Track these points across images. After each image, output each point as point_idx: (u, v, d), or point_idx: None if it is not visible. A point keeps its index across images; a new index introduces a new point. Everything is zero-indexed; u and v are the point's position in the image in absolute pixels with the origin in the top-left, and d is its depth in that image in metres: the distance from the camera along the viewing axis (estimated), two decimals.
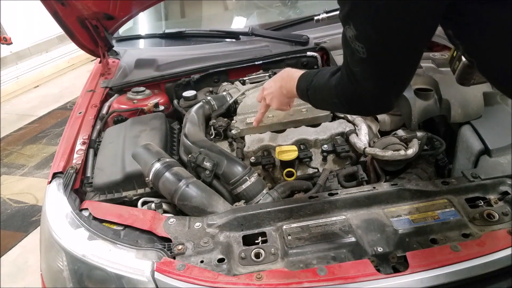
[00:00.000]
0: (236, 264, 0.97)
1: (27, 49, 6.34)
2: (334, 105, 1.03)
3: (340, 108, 1.05)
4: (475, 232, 0.98)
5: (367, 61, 0.77)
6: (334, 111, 1.20)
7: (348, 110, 1.04)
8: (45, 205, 1.20)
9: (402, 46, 0.74)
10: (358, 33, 0.73)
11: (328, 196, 1.11)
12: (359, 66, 0.80)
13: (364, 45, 0.74)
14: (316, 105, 1.12)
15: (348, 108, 0.99)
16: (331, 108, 1.11)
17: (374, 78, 0.82)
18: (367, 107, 0.92)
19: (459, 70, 1.05)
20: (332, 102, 0.98)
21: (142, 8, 1.94)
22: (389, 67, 0.79)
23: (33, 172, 3.62)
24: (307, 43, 1.91)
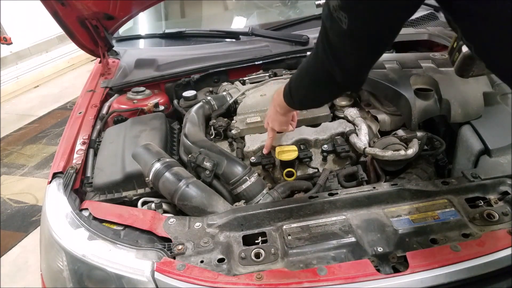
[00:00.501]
0: (236, 264, 0.97)
1: (27, 49, 6.34)
2: (308, 87, 1.03)
3: (313, 87, 1.03)
4: (475, 232, 0.98)
5: (347, 32, 0.77)
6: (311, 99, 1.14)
7: (322, 87, 1.00)
8: (45, 205, 1.20)
9: (385, 17, 0.74)
10: (344, 3, 0.73)
11: (328, 196, 1.11)
12: (338, 36, 0.80)
13: (348, 14, 0.74)
14: (298, 98, 1.12)
15: (321, 84, 0.99)
16: (308, 94, 1.08)
17: (351, 49, 0.82)
18: (336, 81, 0.91)
19: (459, 61, 1.05)
20: (307, 83, 1.00)
21: (142, 8, 1.94)
22: (368, 38, 0.79)
23: (33, 172, 3.62)
24: (307, 43, 1.91)
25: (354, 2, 0.73)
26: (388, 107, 1.48)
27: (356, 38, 0.79)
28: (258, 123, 1.50)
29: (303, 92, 1.09)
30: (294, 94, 1.10)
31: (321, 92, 1.05)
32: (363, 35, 0.78)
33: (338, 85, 0.92)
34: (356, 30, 0.76)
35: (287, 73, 1.80)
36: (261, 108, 1.56)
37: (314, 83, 0.99)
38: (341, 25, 0.75)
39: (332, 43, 0.83)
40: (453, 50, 1.08)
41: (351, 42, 0.80)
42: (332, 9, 0.76)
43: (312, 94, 1.08)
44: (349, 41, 0.80)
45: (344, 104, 1.57)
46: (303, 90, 1.08)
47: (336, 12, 0.75)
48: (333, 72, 0.88)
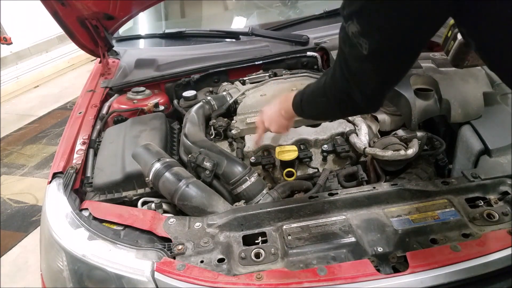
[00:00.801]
0: (236, 264, 0.97)
1: (27, 49, 6.34)
2: (323, 106, 1.02)
3: (329, 108, 1.02)
4: (475, 232, 0.98)
5: (368, 58, 0.76)
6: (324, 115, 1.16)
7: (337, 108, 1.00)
8: (45, 205, 1.20)
9: (406, 44, 0.74)
10: (363, 29, 0.73)
11: (328, 196, 1.11)
12: (357, 61, 0.80)
13: (369, 41, 0.73)
14: (309, 112, 1.11)
15: (336, 106, 0.97)
16: (322, 111, 1.07)
17: (371, 74, 0.82)
18: (356, 104, 0.89)
19: (454, 50, 1.03)
20: (321, 102, 0.98)
21: (142, 8, 1.94)
22: (389, 64, 0.79)
23: (33, 172, 3.62)
24: (307, 43, 1.91)
25: (374, 29, 0.73)
26: (388, 107, 1.48)
27: (377, 63, 0.78)
28: None
29: (316, 109, 1.08)
30: (306, 107, 1.09)
31: (336, 111, 1.05)
32: (384, 60, 0.78)
33: (357, 107, 0.91)
34: (377, 56, 0.76)
35: (287, 73, 1.80)
36: (261, 108, 1.55)
37: (330, 103, 0.97)
38: (361, 50, 0.75)
39: (351, 68, 0.83)
40: (447, 39, 1.06)
41: (372, 67, 0.80)
42: (351, 36, 0.76)
43: (325, 112, 1.08)
44: (369, 66, 0.79)
45: None
46: (316, 107, 1.07)
47: (356, 39, 0.75)
48: (354, 95, 0.87)
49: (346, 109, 0.97)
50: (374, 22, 0.72)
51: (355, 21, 0.73)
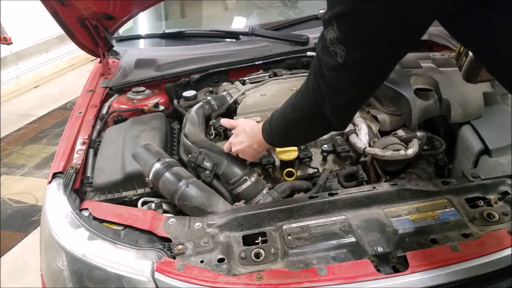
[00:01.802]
0: (236, 264, 0.97)
1: (27, 49, 6.34)
2: (293, 127, 0.99)
3: (299, 129, 0.99)
4: (475, 232, 0.98)
5: (344, 66, 0.74)
6: (295, 138, 1.09)
7: (308, 127, 0.96)
8: (45, 205, 1.20)
9: (384, 53, 0.72)
10: (342, 35, 0.70)
11: (328, 196, 1.11)
12: (333, 71, 0.77)
13: (346, 48, 0.71)
14: (280, 138, 1.07)
15: (307, 124, 0.95)
16: (292, 133, 1.03)
17: (345, 85, 0.79)
18: (326, 121, 0.87)
19: (466, 66, 1.02)
20: (291, 123, 0.96)
21: (142, 8, 1.94)
22: (364, 73, 0.77)
23: (33, 172, 3.62)
24: (307, 43, 1.91)
25: (353, 35, 0.70)
26: (388, 107, 1.48)
27: (353, 73, 0.76)
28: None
29: (286, 133, 1.04)
30: (276, 133, 1.06)
31: (307, 131, 1.01)
32: (361, 70, 0.75)
33: (327, 124, 0.88)
34: (353, 64, 0.74)
35: (287, 73, 1.80)
36: (261, 108, 1.56)
37: (300, 123, 0.96)
38: (337, 59, 0.73)
39: (325, 78, 0.80)
40: (459, 54, 1.05)
41: (347, 77, 0.77)
42: (328, 43, 0.73)
43: (295, 134, 1.04)
44: (344, 76, 0.77)
45: None
46: (286, 131, 1.03)
47: (332, 46, 0.73)
48: (325, 110, 0.84)
49: (316, 124, 0.94)
50: (355, 25, 0.68)
51: (334, 26, 0.70)
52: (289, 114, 0.97)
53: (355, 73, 0.76)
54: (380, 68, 0.77)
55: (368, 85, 0.81)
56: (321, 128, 0.97)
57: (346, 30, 0.70)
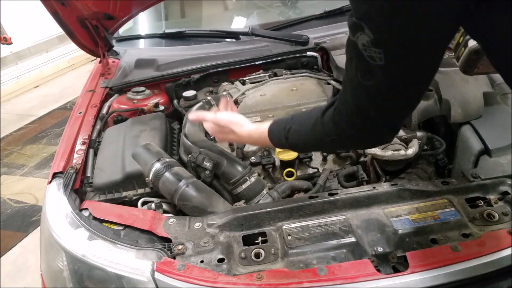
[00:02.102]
0: (236, 264, 0.97)
1: (27, 49, 6.34)
2: (327, 144, 0.92)
3: (335, 145, 0.95)
4: (475, 232, 0.98)
5: (384, 69, 0.67)
6: (324, 150, 1.10)
7: (349, 144, 0.92)
8: (45, 205, 1.20)
9: (425, 47, 0.66)
10: (376, 37, 0.64)
11: (328, 196, 1.10)
12: (374, 76, 0.70)
13: (384, 47, 0.65)
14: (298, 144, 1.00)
15: (350, 141, 0.88)
16: (321, 148, 1.03)
17: (389, 90, 0.71)
18: (373, 133, 0.80)
19: (464, 57, 1.01)
20: (328, 141, 0.87)
21: (142, 8, 1.94)
22: (408, 73, 0.69)
23: (33, 172, 3.62)
24: (307, 43, 1.91)
25: (390, 35, 0.64)
26: None
27: (394, 74, 0.69)
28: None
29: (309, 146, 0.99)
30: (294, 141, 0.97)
31: (336, 146, 0.96)
32: (402, 72, 0.69)
33: (375, 134, 0.81)
34: (394, 67, 0.67)
35: (287, 73, 1.80)
36: (261, 108, 1.56)
37: (331, 141, 0.87)
38: (376, 62, 0.67)
39: (364, 86, 0.72)
40: (458, 45, 1.03)
41: (389, 80, 0.70)
42: (361, 49, 0.67)
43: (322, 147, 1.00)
44: (386, 79, 0.69)
45: None
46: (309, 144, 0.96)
47: (367, 51, 0.66)
48: (371, 119, 0.77)
49: (361, 138, 0.85)
50: (386, 23, 0.63)
51: (366, 28, 0.64)
52: (323, 135, 0.87)
53: (400, 73, 0.69)
54: (425, 67, 0.70)
55: (415, 85, 0.73)
56: (368, 140, 0.87)
57: (380, 29, 0.64)
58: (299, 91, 1.61)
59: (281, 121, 1.00)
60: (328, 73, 1.75)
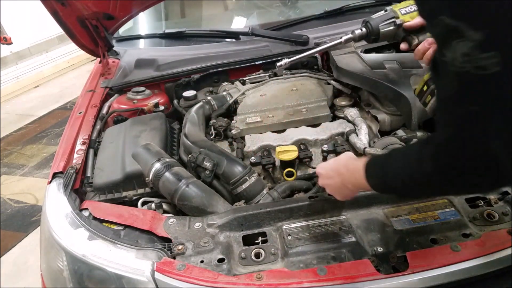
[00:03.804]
0: (236, 264, 0.97)
1: (27, 49, 6.34)
2: (436, 187, 0.72)
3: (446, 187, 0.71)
4: (475, 232, 0.98)
5: (504, 75, 0.51)
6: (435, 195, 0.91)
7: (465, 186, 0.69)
8: (45, 205, 1.20)
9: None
10: (488, 35, 0.50)
11: (328, 196, 1.10)
12: (492, 90, 0.53)
13: (500, 49, 0.50)
14: (407, 193, 0.86)
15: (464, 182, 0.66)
16: (429, 192, 0.80)
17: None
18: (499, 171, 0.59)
19: (433, 104, 1.05)
20: (432, 183, 0.68)
21: (142, 8, 1.94)
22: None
23: (33, 172, 3.62)
24: (307, 43, 1.91)
25: (505, 27, 0.50)
26: (388, 107, 1.48)
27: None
28: (258, 123, 1.50)
29: (414, 191, 0.78)
30: (397, 188, 0.80)
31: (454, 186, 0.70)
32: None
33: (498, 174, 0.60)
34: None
35: (287, 73, 1.80)
36: (261, 108, 1.56)
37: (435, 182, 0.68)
38: (490, 70, 0.51)
39: (476, 112, 0.55)
40: (422, 92, 1.07)
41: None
42: (464, 61, 0.52)
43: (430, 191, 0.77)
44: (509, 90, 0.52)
45: (344, 104, 1.57)
46: (413, 187, 0.75)
47: (472, 62, 0.51)
48: (493, 152, 0.56)
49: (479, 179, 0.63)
50: (501, 16, 0.49)
51: (468, 30, 0.50)
52: (425, 175, 0.68)
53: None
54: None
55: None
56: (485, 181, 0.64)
57: (494, 22, 0.51)
58: (299, 91, 1.61)
59: (378, 159, 0.87)
60: (328, 73, 1.75)
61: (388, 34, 1.26)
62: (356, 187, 0.92)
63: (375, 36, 1.27)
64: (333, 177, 0.97)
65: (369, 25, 1.27)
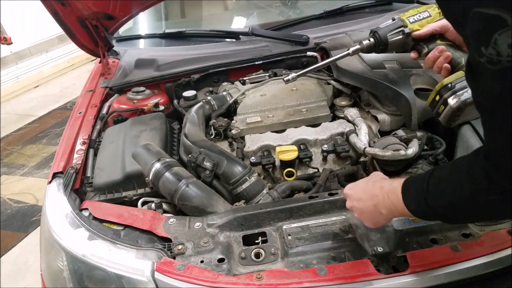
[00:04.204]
0: (236, 264, 0.97)
1: (27, 49, 6.34)
2: (493, 207, 0.62)
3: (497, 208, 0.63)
4: (475, 232, 0.98)
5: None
6: (493, 216, 0.79)
7: None
8: (45, 205, 1.20)
9: None
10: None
11: (328, 196, 1.10)
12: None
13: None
14: (456, 217, 0.74)
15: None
16: (485, 214, 0.69)
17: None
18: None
19: (447, 114, 1.04)
20: (488, 201, 0.60)
21: (142, 8, 1.94)
22: None
23: (33, 172, 3.62)
24: (307, 43, 1.91)
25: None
26: (388, 107, 1.48)
27: None
28: (258, 123, 1.50)
29: (467, 215, 0.69)
30: (441, 207, 0.70)
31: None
32: None
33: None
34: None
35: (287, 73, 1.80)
36: (261, 108, 1.56)
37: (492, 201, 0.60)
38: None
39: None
40: (435, 102, 1.07)
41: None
42: (507, 55, 0.46)
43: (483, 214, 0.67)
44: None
45: (344, 104, 1.57)
46: (466, 210, 0.67)
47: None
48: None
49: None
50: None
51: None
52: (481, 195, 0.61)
53: None
54: None
55: None
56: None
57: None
58: (299, 91, 1.61)
59: (420, 176, 0.76)
60: (328, 73, 1.75)
61: (397, 44, 1.23)
62: (391, 213, 0.81)
63: (384, 46, 1.24)
64: (364, 200, 0.87)
65: (377, 35, 1.24)
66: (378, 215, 0.85)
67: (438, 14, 1.18)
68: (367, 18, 2.02)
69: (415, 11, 1.22)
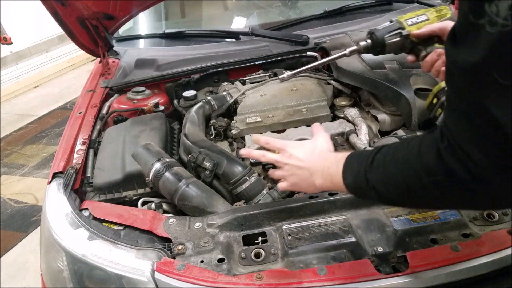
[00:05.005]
0: (236, 264, 0.97)
1: (27, 49, 6.34)
2: (426, 190, 0.59)
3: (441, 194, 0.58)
4: (475, 232, 0.98)
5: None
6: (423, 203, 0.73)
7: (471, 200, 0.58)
8: (45, 205, 1.20)
9: None
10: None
11: (328, 196, 1.10)
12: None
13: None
14: (384, 193, 0.68)
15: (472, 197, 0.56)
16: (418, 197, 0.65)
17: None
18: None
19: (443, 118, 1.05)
20: (427, 183, 0.57)
21: (142, 8, 1.94)
22: None
23: (33, 172, 3.62)
24: (307, 43, 1.91)
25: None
26: (388, 107, 1.48)
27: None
28: (258, 123, 1.50)
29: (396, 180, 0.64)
30: (376, 177, 0.67)
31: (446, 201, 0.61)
32: None
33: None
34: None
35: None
36: (261, 108, 1.56)
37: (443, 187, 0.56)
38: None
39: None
40: (432, 105, 1.06)
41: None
42: (502, 25, 0.42)
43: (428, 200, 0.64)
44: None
45: (344, 104, 1.57)
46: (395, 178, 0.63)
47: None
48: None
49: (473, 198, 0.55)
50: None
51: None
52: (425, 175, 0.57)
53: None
54: None
55: None
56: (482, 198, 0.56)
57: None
58: (299, 91, 1.61)
59: (367, 151, 0.73)
60: (328, 73, 1.75)
61: (394, 46, 1.22)
62: (324, 185, 0.80)
63: (381, 48, 1.23)
64: (302, 164, 0.85)
65: (374, 36, 1.23)
66: (310, 183, 0.84)
67: (436, 18, 1.18)
68: (367, 18, 2.02)
69: (413, 14, 1.21)
